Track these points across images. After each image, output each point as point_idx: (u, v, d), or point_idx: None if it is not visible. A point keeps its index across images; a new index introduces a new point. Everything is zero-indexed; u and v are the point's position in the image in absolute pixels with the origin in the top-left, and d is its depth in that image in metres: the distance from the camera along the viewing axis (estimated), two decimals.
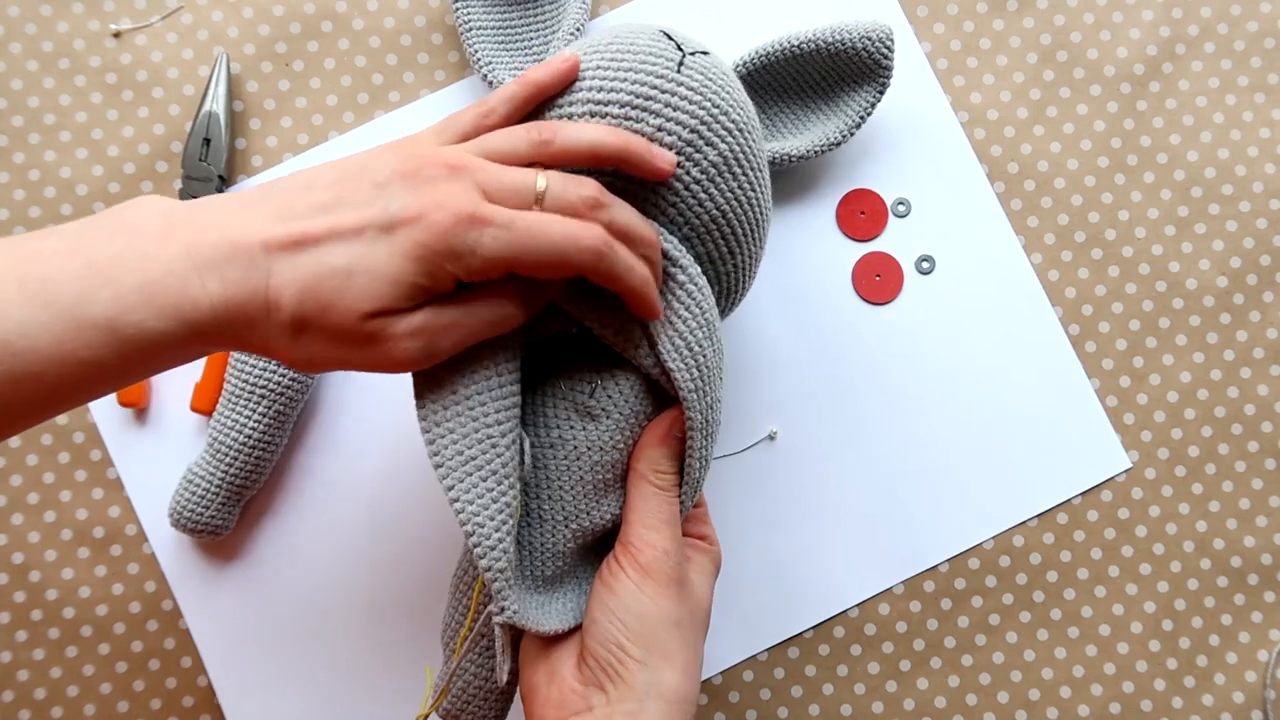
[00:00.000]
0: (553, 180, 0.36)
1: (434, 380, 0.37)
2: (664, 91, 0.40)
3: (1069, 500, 0.55)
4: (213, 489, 0.51)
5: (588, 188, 0.37)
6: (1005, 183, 0.57)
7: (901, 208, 0.56)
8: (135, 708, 0.53)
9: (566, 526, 0.40)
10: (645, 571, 0.38)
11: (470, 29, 0.53)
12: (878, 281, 0.56)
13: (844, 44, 0.50)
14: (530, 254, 0.35)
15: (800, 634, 0.54)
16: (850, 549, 0.55)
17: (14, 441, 0.54)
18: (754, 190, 0.43)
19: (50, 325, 0.31)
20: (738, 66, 0.52)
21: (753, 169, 0.42)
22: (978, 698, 0.54)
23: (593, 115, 0.39)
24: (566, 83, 0.40)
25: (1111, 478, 0.55)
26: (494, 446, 0.36)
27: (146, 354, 0.33)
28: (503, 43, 0.54)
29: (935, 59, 0.57)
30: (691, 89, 0.40)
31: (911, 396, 0.55)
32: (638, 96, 0.39)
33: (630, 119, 0.39)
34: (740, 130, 0.42)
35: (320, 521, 0.54)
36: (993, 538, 0.55)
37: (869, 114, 0.52)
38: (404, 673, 0.53)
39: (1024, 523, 0.55)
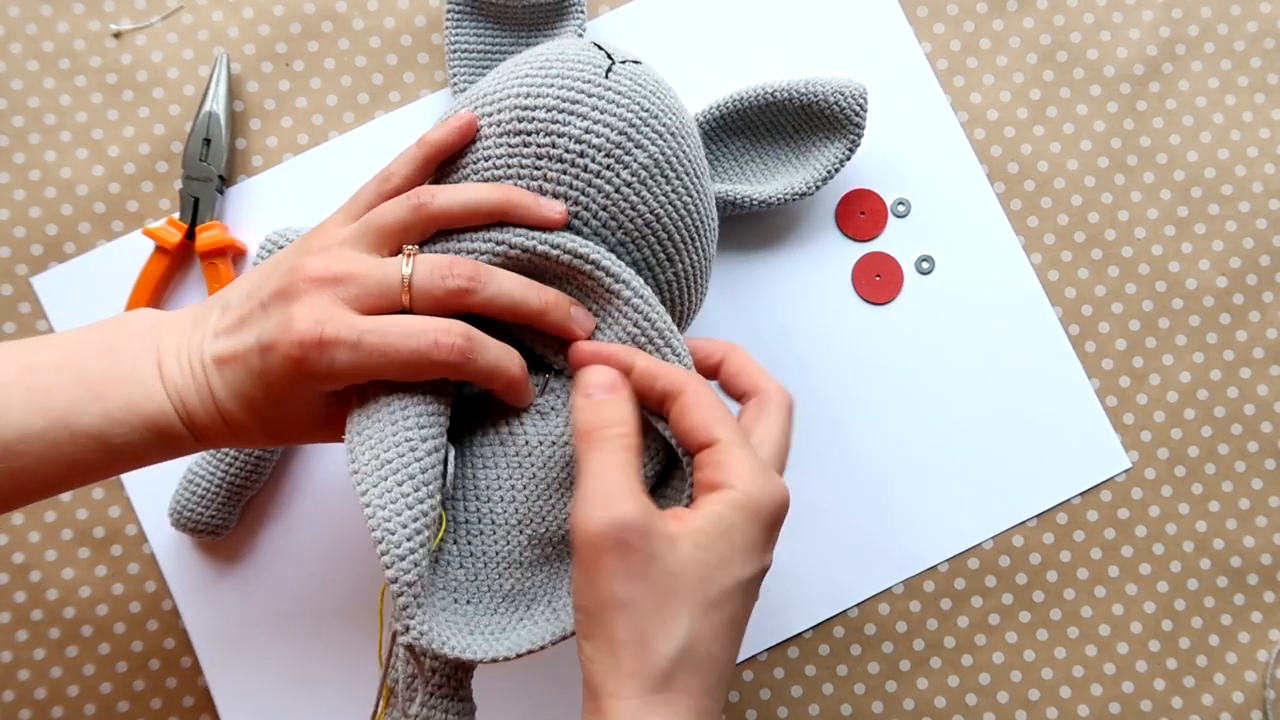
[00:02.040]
0: (419, 270, 0.37)
1: (363, 393, 0.37)
2: (590, 95, 0.39)
3: (1069, 500, 0.55)
4: (213, 489, 0.51)
5: (456, 277, 0.37)
6: (1005, 183, 0.57)
7: (901, 208, 0.56)
8: (135, 708, 0.53)
9: (521, 532, 0.38)
10: (576, 549, 0.33)
11: (456, 50, 0.53)
12: (878, 281, 0.56)
13: (817, 96, 0.50)
14: (383, 368, 0.36)
15: (800, 634, 0.54)
16: (850, 549, 0.55)
17: None
18: (690, 195, 0.42)
19: (45, 432, 0.35)
20: (712, 109, 0.52)
21: (688, 174, 0.42)
22: (978, 698, 0.54)
23: (519, 120, 0.39)
24: (465, 141, 0.41)
25: (1111, 478, 0.55)
26: (412, 450, 0.35)
27: (130, 458, 0.38)
28: (487, 68, 0.53)
29: (935, 59, 0.57)
30: (620, 92, 0.40)
31: (911, 396, 0.55)
32: (564, 100, 0.39)
33: (556, 122, 0.39)
34: (672, 134, 0.41)
35: (320, 522, 0.54)
36: (992, 538, 0.55)
37: (837, 170, 0.52)
38: None
39: (1024, 523, 0.55)
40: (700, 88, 0.54)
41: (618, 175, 0.39)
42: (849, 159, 0.52)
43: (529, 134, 0.39)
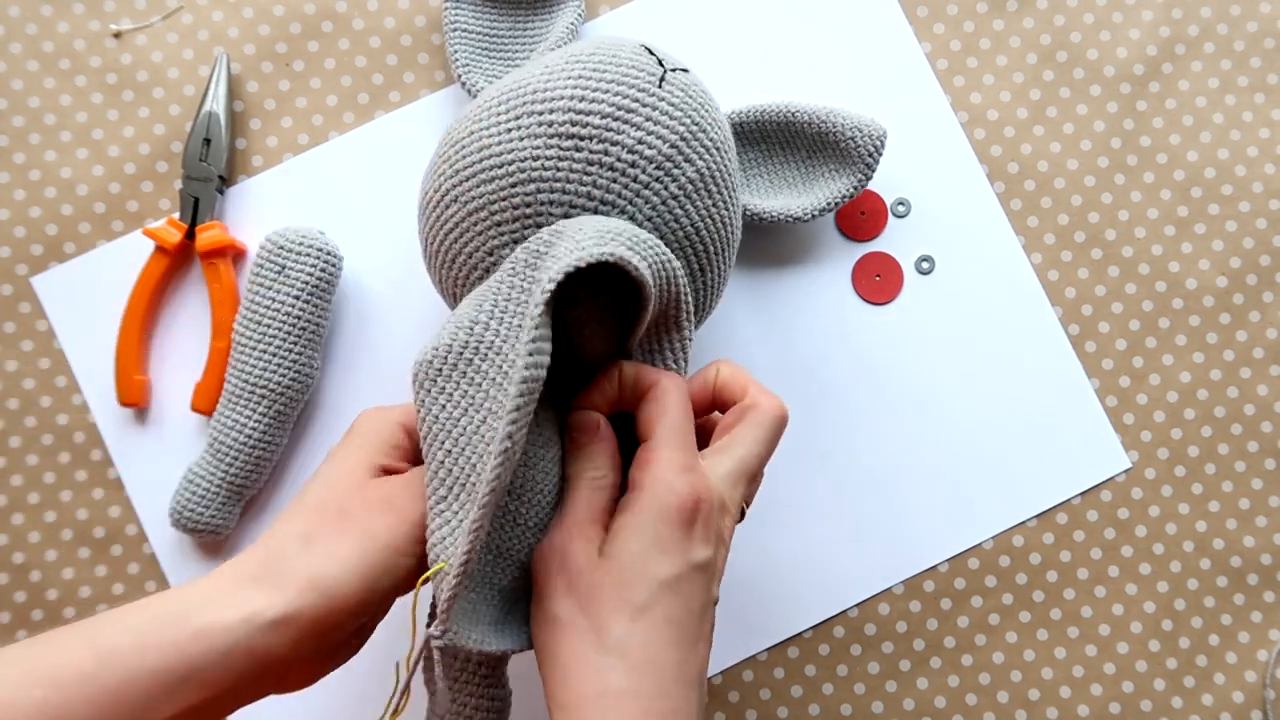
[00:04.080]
0: None
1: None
2: (644, 105, 0.40)
3: (1069, 500, 0.55)
4: (213, 489, 0.51)
5: None
6: (1005, 183, 0.57)
7: (901, 208, 0.56)
8: None
9: (535, 536, 0.38)
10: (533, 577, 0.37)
11: (455, 30, 0.53)
12: (878, 281, 0.56)
13: (835, 127, 0.50)
14: None
15: (800, 634, 0.54)
16: (850, 549, 0.55)
17: (14, 441, 0.54)
18: (728, 209, 0.43)
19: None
20: (732, 116, 0.52)
21: (727, 188, 0.43)
22: (978, 698, 0.54)
23: (572, 124, 0.39)
24: None
25: (1111, 478, 0.55)
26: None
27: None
28: (485, 49, 0.53)
29: (935, 59, 0.57)
30: (672, 104, 0.40)
31: (911, 396, 0.55)
32: (619, 109, 0.39)
33: (610, 130, 0.39)
34: (717, 148, 0.42)
35: None
36: (992, 538, 0.55)
37: (839, 204, 0.51)
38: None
39: (1024, 523, 0.55)
40: None
41: (666, 188, 0.40)
42: (853, 196, 0.51)
43: (582, 139, 0.39)
